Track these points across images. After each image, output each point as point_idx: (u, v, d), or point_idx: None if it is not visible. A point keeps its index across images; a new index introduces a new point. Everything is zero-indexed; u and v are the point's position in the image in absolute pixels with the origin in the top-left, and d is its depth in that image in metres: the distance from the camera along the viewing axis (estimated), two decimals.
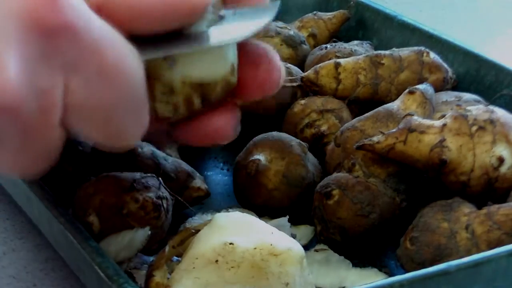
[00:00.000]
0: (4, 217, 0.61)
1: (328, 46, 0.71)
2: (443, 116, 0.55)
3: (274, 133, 0.60)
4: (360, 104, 0.64)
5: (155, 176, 0.53)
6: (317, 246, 0.56)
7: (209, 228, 0.47)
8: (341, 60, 0.65)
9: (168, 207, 0.53)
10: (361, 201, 0.54)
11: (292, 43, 0.73)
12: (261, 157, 0.58)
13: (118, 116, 0.38)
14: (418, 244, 0.51)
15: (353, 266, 0.54)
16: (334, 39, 0.76)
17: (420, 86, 0.59)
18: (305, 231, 0.57)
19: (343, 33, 0.79)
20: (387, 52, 0.65)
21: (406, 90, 0.58)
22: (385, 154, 0.54)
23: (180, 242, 0.48)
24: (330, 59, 0.67)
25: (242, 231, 0.46)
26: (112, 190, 0.51)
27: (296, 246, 0.46)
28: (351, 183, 0.55)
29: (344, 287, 0.52)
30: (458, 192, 0.54)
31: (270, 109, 0.66)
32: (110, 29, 0.37)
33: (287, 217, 0.53)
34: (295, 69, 0.67)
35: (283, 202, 0.58)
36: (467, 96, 0.63)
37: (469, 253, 0.49)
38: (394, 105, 0.58)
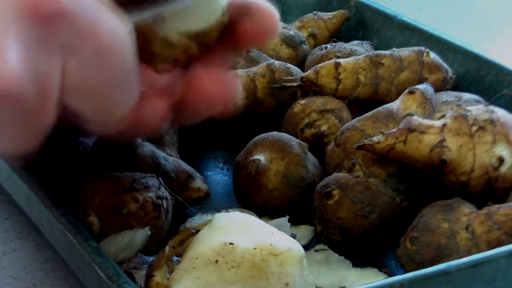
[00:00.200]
0: (4, 217, 0.61)
1: (328, 46, 0.71)
2: (443, 116, 0.55)
3: (274, 133, 0.60)
4: (360, 104, 0.64)
5: (155, 176, 0.53)
6: (317, 246, 0.56)
7: (209, 228, 0.47)
8: (341, 60, 0.65)
9: (168, 207, 0.53)
10: (361, 201, 0.54)
11: (292, 43, 0.73)
12: (261, 157, 0.58)
13: (113, 93, 0.39)
14: (418, 244, 0.51)
15: (353, 266, 0.54)
16: (334, 39, 0.76)
17: (420, 86, 0.59)
18: (305, 231, 0.57)
19: (343, 33, 0.79)
20: (387, 52, 0.65)
21: (406, 90, 0.58)
22: (385, 154, 0.54)
23: (180, 242, 0.48)
24: (330, 59, 0.67)
25: (242, 231, 0.46)
26: (112, 190, 0.51)
27: (296, 246, 0.46)
28: (351, 183, 0.55)
29: (344, 287, 0.52)
30: (458, 192, 0.54)
31: (270, 109, 0.66)
32: (101, 7, 0.37)
33: (287, 217, 0.54)
34: (295, 69, 0.67)
35: (283, 202, 0.57)
36: (467, 96, 0.63)
37: (469, 253, 0.49)
38: (394, 105, 0.58)
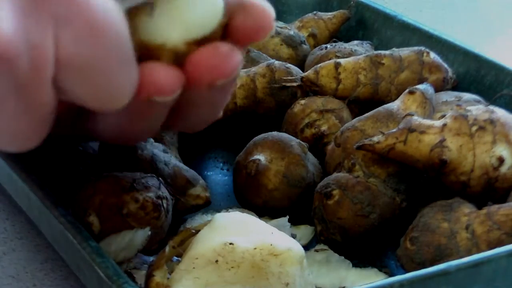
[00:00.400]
0: (4, 217, 0.60)
1: (328, 46, 0.71)
2: (443, 116, 0.55)
3: (274, 133, 0.60)
4: (360, 104, 0.64)
5: (155, 176, 0.53)
6: (317, 246, 0.56)
7: (209, 228, 0.47)
8: (341, 60, 0.65)
9: (168, 207, 0.53)
10: (361, 201, 0.54)
11: (292, 43, 0.73)
12: (261, 157, 0.58)
13: (108, 73, 0.39)
14: (418, 244, 0.51)
15: (353, 266, 0.54)
16: (334, 39, 0.76)
17: (420, 86, 0.59)
18: (305, 231, 0.57)
19: (343, 33, 0.79)
20: (387, 52, 0.65)
21: (406, 90, 0.58)
22: (385, 154, 0.54)
23: (180, 242, 0.48)
24: (330, 59, 0.67)
25: (242, 231, 0.46)
26: (112, 190, 0.51)
27: (296, 246, 0.46)
28: (351, 183, 0.55)
29: (344, 287, 0.52)
30: (458, 192, 0.54)
31: (270, 109, 0.66)
32: None
33: (287, 217, 0.54)
34: (295, 69, 0.67)
35: (283, 202, 0.57)
36: (467, 96, 0.63)
37: (469, 253, 0.49)
38: (394, 105, 0.58)
